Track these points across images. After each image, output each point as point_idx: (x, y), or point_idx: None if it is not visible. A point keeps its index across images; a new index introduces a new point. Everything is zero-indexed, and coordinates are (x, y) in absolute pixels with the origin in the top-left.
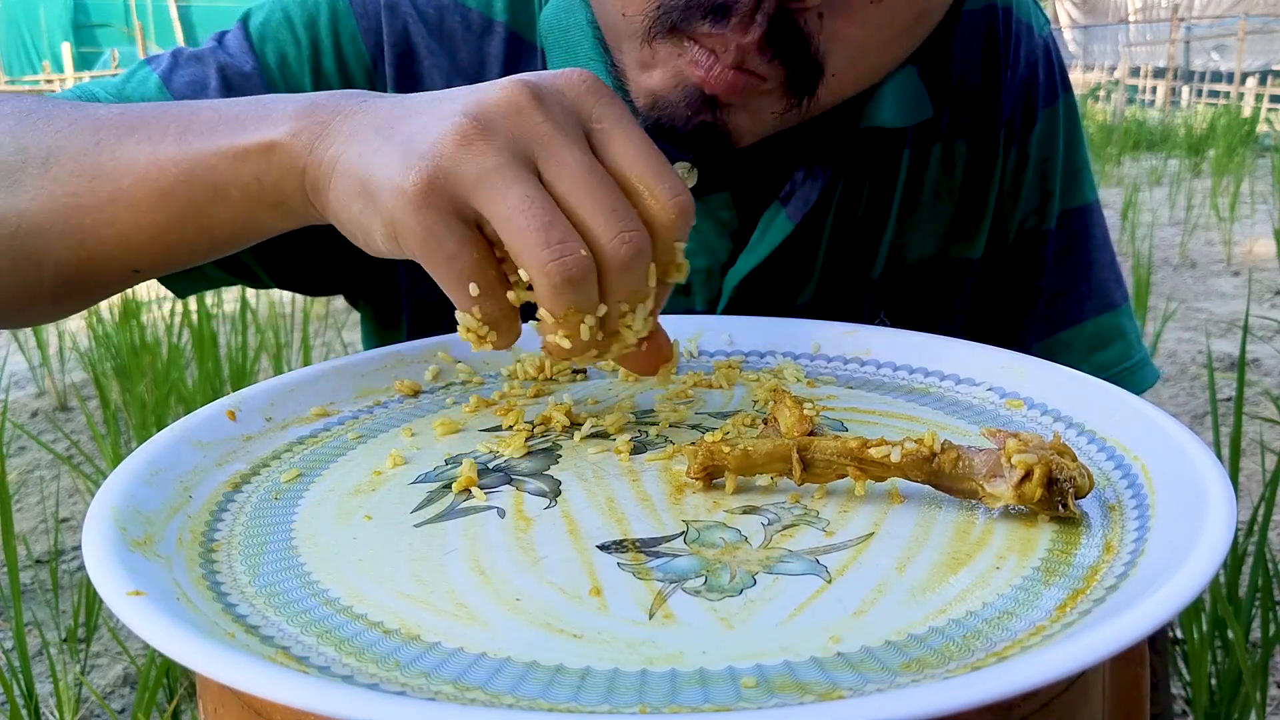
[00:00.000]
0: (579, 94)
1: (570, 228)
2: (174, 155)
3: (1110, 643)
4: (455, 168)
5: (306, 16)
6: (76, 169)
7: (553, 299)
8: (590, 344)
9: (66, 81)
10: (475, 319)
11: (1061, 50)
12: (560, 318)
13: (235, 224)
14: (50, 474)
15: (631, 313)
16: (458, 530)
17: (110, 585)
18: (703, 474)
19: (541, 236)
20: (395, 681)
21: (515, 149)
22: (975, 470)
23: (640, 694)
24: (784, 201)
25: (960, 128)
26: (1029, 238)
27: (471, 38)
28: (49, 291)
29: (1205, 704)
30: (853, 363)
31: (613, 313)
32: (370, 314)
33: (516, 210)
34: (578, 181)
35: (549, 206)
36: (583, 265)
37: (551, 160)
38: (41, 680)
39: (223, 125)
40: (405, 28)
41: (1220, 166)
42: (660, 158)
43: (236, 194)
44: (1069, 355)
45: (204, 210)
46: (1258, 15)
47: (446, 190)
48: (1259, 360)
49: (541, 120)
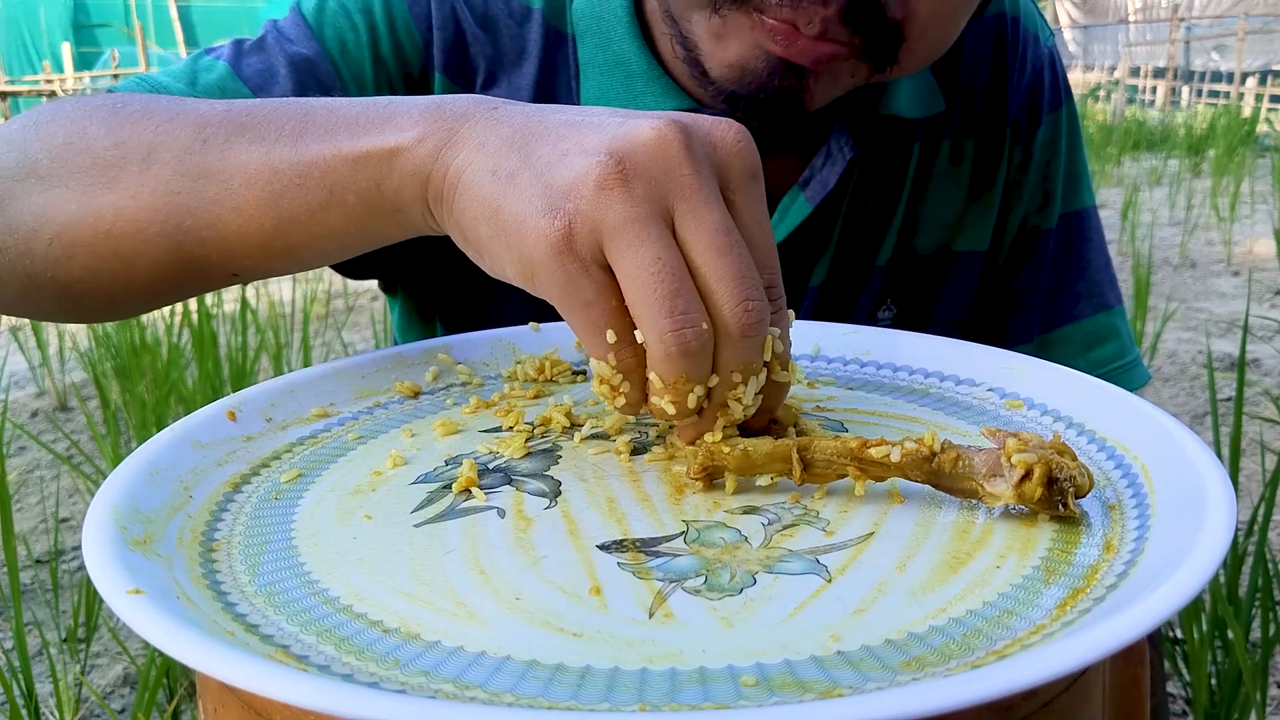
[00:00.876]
0: (729, 154)
1: (695, 298)
2: (289, 157)
3: (1110, 642)
4: (595, 214)
5: (361, 3)
6: (181, 167)
7: (665, 366)
8: (693, 412)
9: (66, 82)
10: (610, 367)
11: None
12: (669, 384)
13: (347, 232)
14: (50, 474)
15: (743, 385)
16: (458, 530)
17: (110, 584)
18: (703, 474)
19: (666, 305)
20: (395, 680)
21: (655, 199)
22: (975, 470)
23: (640, 692)
24: (803, 185)
25: (968, 125)
26: (1030, 236)
27: (513, 24)
28: (140, 289)
29: (1205, 704)
30: (853, 363)
31: (724, 384)
32: (412, 305)
33: (646, 271)
34: (711, 242)
35: (678, 273)
36: (701, 338)
37: (690, 217)
38: (41, 680)
39: (342, 127)
40: (453, 13)
41: (1220, 166)
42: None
43: (354, 199)
44: (1066, 350)
45: (316, 216)
46: (1258, 15)
47: (586, 236)
48: (1259, 360)
49: (687, 172)
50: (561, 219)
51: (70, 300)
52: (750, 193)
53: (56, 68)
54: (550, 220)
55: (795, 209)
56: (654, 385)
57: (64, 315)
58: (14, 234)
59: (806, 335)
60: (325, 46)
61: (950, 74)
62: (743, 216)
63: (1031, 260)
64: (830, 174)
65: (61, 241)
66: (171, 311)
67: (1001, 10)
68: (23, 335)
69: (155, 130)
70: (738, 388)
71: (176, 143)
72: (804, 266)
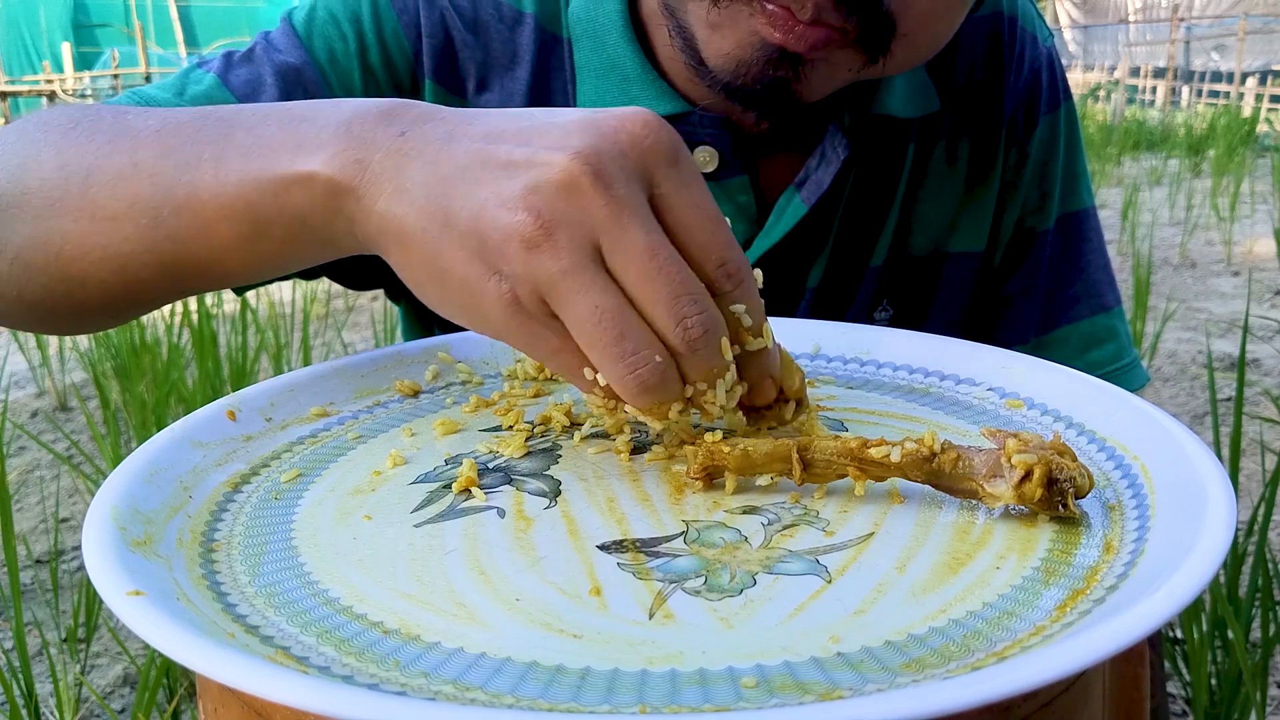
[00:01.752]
0: (641, 154)
1: (642, 332)
2: (212, 187)
3: (1110, 643)
4: (530, 275)
5: (349, 12)
6: (115, 192)
7: (635, 401)
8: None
9: (66, 82)
10: (599, 399)
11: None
12: (646, 411)
13: (277, 257)
14: (50, 474)
15: (711, 389)
16: (458, 530)
17: (110, 585)
18: (703, 474)
19: (614, 351)
20: (395, 681)
21: (579, 242)
22: (975, 470)
23: (640, 694)
24: (799, 186)
25: (964, 125)
26: (1027, 236)
27: (504, 29)
28: (96, 308)
29: (1205, 704)
30: (853, 363)
31: (695, 393)
32: (413, 314)
33: (588, 322)
34: (640, 271)
35: (618, 316)
36: (657, 373)
37: (615, 251)
38: (41, 680)
39: (257, 151)
40: (442, 19)
41: (1220, 166)
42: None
43: (280, 232)
44: (1064, 352)
45: (247, 246)
46: (1258, 15)
47: (530, 297)
48: (1259, 360)
49: (602, 204)
50: (505, 283)
51: (37, 316)
52: (675, 179)
53: (56, 68)
54: (496, 285)
55: (791, 210)
56: (632, 411)
57: (40, 328)
58: None
59: (806, 334)
60: (313, 56)
61: (946, 73)
62: (675, 206)
63: (1028, 262)
64: (825, 174)
65: (20, 263)
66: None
67: (999, 10)
68: (23, 335)
69: (96, 152)
70: (708, 393)
71: (112, 166)
72: (801, 267)
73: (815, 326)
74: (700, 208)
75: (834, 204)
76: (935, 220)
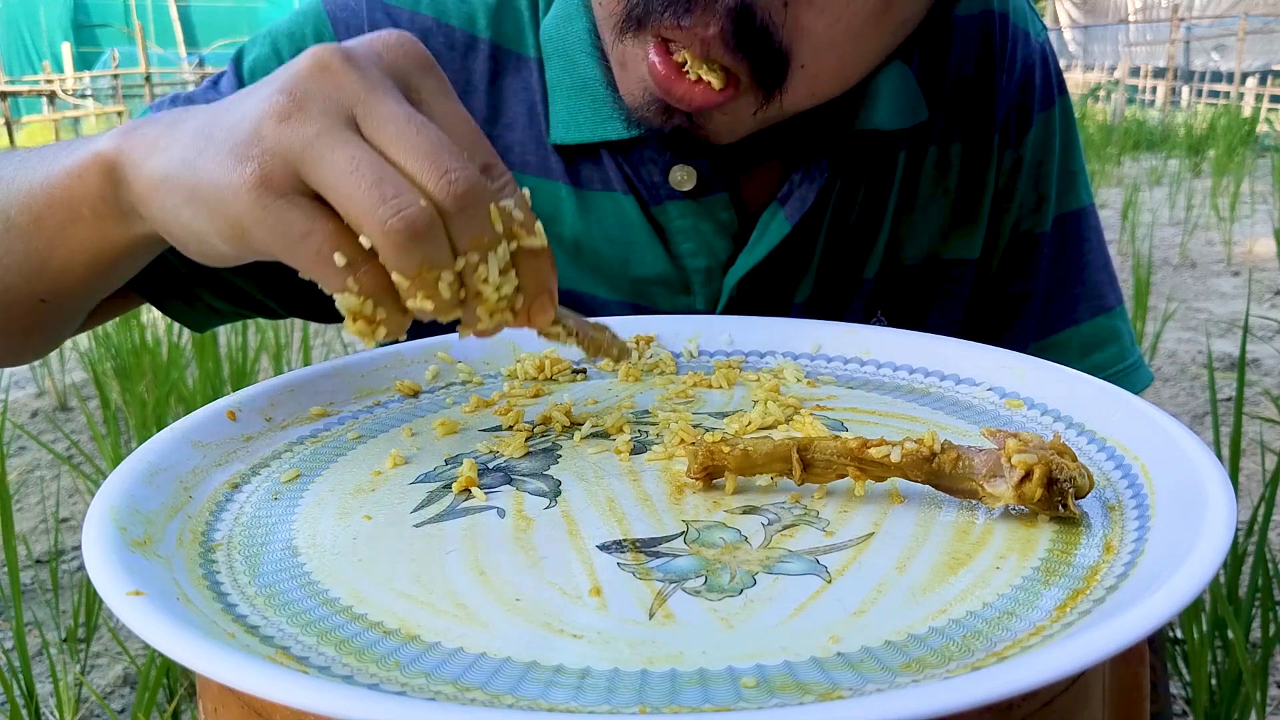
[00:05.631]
0: (396, 58)
1: (403, 180)
2: (42, 180)
3: (1110, 643)
4: (280, 145)
5: (294, 49)
6: None
7: (400, 257)
8: (454, 303)
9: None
10: (355, 296)
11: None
12: (414, 278)
13: (95, 241)
14: (50, 474)
15: (483, 263)
16: (458, 530)
17: (110, 585)
18: (703, 474)
19: (375, 194)
20: (395, 681)
21: (333, 112)
22: (975, 470)
23: (640, 694)
24: (782, 202)
25: (955, 130)
26: (1025, 240)
27: (456, 57)
28: None
29: (1205, 704)
30: (853, 363)
31: (467, 267)
32: None
33: (345, 174)
34: (399, 130)
35: (377, 163)
36: (424, 215)
37: (370, 115)
38: (41, 680)
39: (74, 147)
40: None
41: (1220, 166)
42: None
43: (87, 212)
44: (1064, 355)
45: (67, 231)
46: (1258, 15)
47: (280, 170)
48: (1259, 360)
49: (356, 79)
50: (251, 163)
51: None
52: (432, 85)
53: (56, 68)
54: (242, 168)
55: (774, 226)
56: (402, 287)
57: None
58: None
59: (806, 334)
60: None
61: (936, 77)
62: (434, 111)
63: (1026, 265)
64: (809, 191)
65: None
66: None
67: (989, 8)
68: None
69: None
70: (479, 267)
71: None
72: (787, 284)
73: (815, 326)
74: (459, 114)
75: (819, 218)
76: (928, 229)
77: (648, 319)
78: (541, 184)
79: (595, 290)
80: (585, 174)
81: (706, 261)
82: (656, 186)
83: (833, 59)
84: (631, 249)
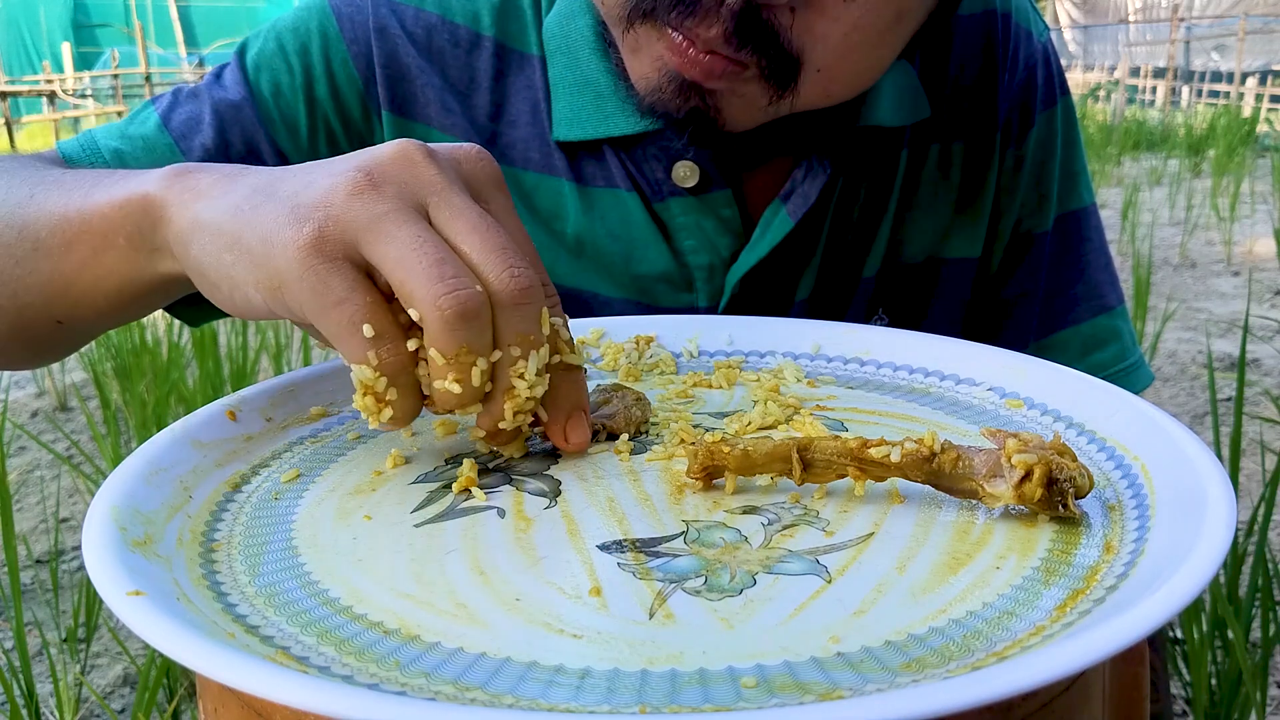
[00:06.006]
0: (472, 166)
1: (463, 266)
2: (79, 206)
3: (1110, 643)
4: (346, 215)
5: (298, 44)
6: (11, 221)
7: (445, 335)
8: (480, 392)
9: (66, 81)
10: (372, 371)
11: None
12: (451, 358)
13: (124, 272)
14: (50, 474)
15: (524, 360)
16: (458, 530)
17: (110, 585)
18: (703, 474)
19: (435, 271)
20: (395, 681)
21: (406, 196)
22: (975, 470)
23: (640, 694)
24: (784, 199)
25: (957, 129)
26: (1025, 240)
27: (460, 54)
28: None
29: (1205, 704)
30: (853, 363)
31: (505, 359)
32: None
33: (408, 249)
34: (469, 224)
35: (441, 245)
36: (476, 299)
37: (443, 206)
38: (41, 680)
39: (119, 180)
40: (395, 49)
41: (1220, 166)
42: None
43: (123, 242)
44: (1065, 355)
45: (99, 257)
46: (1258, 15)
47: (337, 238)
48: (1259, 360)
49: (434, 173)
50: (310, 224)
51: None
52: (500, 200)
53: (56, 68)
54: (298, 228)
55: (777, 224)
56: (435, 365)
57: None
58: None
59: (806, 334)
60: (256, 90)
61: (938, 75)
62: (502, 222)
63: (1026, 264)
64: (811, 188)
65: None
66: None
67: (991, 8)
68: None
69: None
70: (518, 362)
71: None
72: (789, 281)
73: (815, 326)
74: (521, 231)
75: (821, 216)
76: (929, 227)
77: (647, 319)
78: (545, 180)
79: (597, 288)
80: (589, 171)
81: (709, 258)
82: (659, 183)
83: (848, 65)
84: (634, 245)
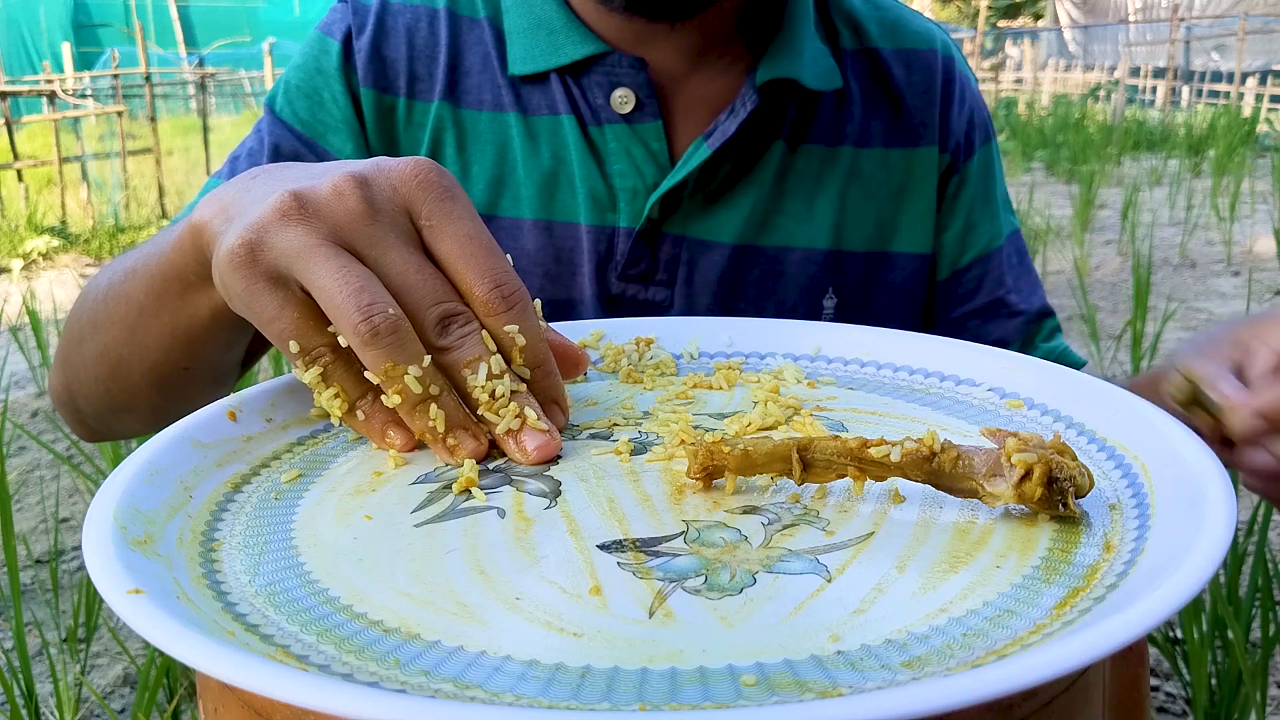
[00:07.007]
0: (410, 190)
1: (383, 290)
2: (157, 261)
3: (1110, 641)
4: (278, 239)
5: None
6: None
7: (365, 353)
8: (424, 398)
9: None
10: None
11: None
12: (383, 375)
13: (209, 303)
14: (50, 474)
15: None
16: (458, 530)
17: (110, 585)
18: (703, 474)
19: (354, 301)
20: (395, 680)
21: (336, 236)
22: (975, 470)
23: (640, 692)
24: (706, 137)
25: (901, 138)
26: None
27: (423, 26)
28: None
29: (1205, 704)
30: (853, 363)
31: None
32: None
33: (332, 278)
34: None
35: (362, 274)
36: (390, 320)
37: (372, 246)
38: (41, 680)
39: (176, 228)
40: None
41: (1220, 166)
42: (490, 249)
43: (194, 278)
44: None
45: (185, 299)
46: (1258, 15)
47: (263, 257)
48: None
49: (367, 220)
50: (244, 237)
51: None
52: (445, 212)
53: (56, 68)
54: (236, 239)
55: (697, 155)
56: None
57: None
58: None
59: (807, 335)
60: (291, 125)
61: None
62: (446, 234)
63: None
64: (730, 124)
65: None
66: None
67: (934, 48)
68: (23, 335)
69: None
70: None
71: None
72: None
73: (815, 328)
74: (474, 237)
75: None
76: (874, 219)
77: (647, 320)
78: (496, 118)
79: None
80: (534, 102)
81: (634, 182)
82: (599, 109)
83: None
84: (568, 165)
